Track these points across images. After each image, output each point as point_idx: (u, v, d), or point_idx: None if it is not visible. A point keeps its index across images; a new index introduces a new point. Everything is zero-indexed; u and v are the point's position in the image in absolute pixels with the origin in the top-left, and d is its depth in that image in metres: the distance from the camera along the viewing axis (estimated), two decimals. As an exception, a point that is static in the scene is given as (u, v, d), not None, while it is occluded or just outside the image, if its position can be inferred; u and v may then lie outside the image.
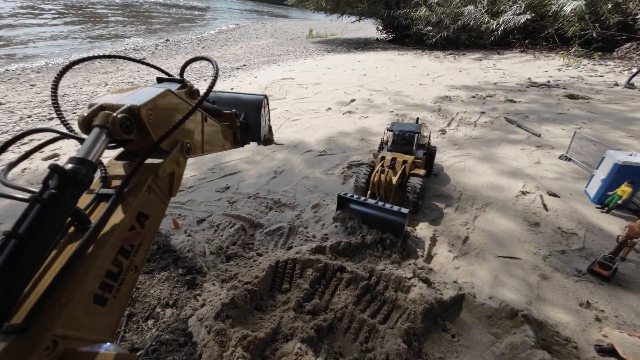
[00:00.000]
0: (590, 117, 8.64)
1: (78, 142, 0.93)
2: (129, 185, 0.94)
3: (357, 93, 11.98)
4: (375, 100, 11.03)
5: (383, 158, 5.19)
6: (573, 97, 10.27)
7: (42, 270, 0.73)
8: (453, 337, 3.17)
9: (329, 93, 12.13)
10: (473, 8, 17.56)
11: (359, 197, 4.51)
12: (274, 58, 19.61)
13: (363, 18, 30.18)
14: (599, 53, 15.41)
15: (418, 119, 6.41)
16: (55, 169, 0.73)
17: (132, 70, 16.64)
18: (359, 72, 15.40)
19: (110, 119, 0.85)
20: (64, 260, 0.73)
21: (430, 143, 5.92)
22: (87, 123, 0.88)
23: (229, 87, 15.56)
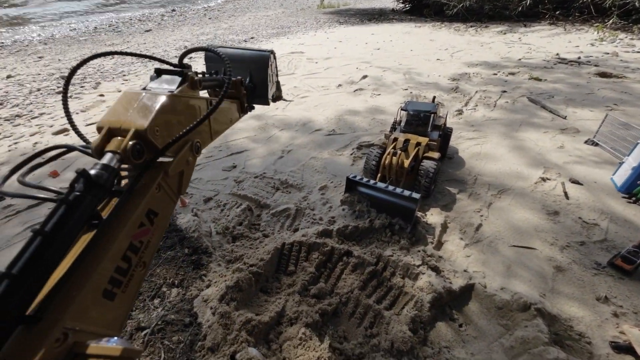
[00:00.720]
0: (623, 98, 7.97)
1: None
2: (140, 183, 0.96)
3: (369, 69, 11.38)
4: (389, 77, 10.46)
5: (395, 140, 4.93)
6: (605, 75, 9.45)
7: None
8: (460, 326, 3.11)
9: (340, 69, 11.57)
10: (500, -27, 15.99)
11: (369, 180, 4.33)
12: (283, 30, 18.68)
13: (379, -14, 28.13)
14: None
15: (435, 98, 6.02)
16: (82, 174, 0.78)
17: (138, 43, 16.21)
18: (372, 46, 14.54)
19: (122, 148, 0.88)
20: (76, 254, 0.75)
21: (446, 124, 5.57)
22: (100, 149, 0.91)
23: (237, 61, 15.03)
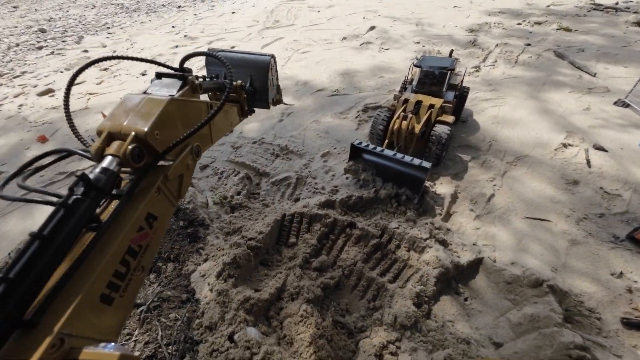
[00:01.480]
0: (663, 52, 7.12)
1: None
2: (139, 187, 0.95)
3: (377, 19, 10.20)
4: (398, 29, 9.40)
5: (406, 101, 4.45)
6: (645, 25, 8.37)
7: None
8: (465, 300, 3.03)
9: (345, 19, 10.39)
10: None
11: (375, 147, 3.98)
12: (281, -28, 16.55)
13: None
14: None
15: (452, 52, 5.34)
16: (82, 177, 0.77)
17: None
18: (382, -9, 12.91)
19: (122, 152, 0.87)
20: (74, 258, 0.74)
21: (463, 83, 5.01)
22: (100, 153, 0.89)
23: (230, 9, 13.56)
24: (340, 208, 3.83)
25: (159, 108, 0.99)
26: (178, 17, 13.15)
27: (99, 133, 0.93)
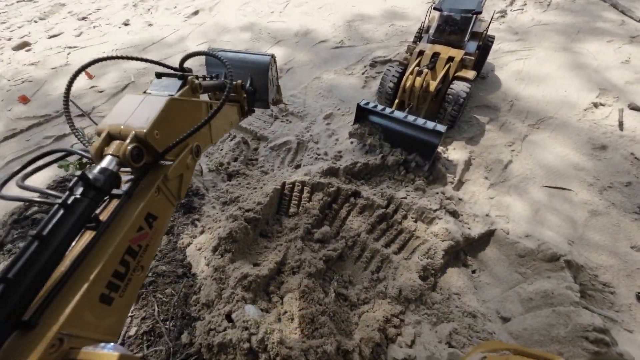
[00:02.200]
0: None
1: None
2: (139, 187, 0.94)
3: (390, -48, 8.74)
4: (415, -36, 8.08)
5: (421, 54, 3.89)
6: None
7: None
8: (473, 272, 2.92)
9: (352, -48, 8.92)
10: None
11: (384, 107, 3.57)
12: None
13: None
14: None
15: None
16: (81, 177, 0.77)
17: None
18: None
19: (121, 152, 0.87)
20: (73, 258, 0.73)
21: (488, 31, 4.34)
22: (99, 152, 0.89)
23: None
24: (344, 176, 3.57)
25: (159, 108, 0.98)
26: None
27: (99, 133, 0.92)
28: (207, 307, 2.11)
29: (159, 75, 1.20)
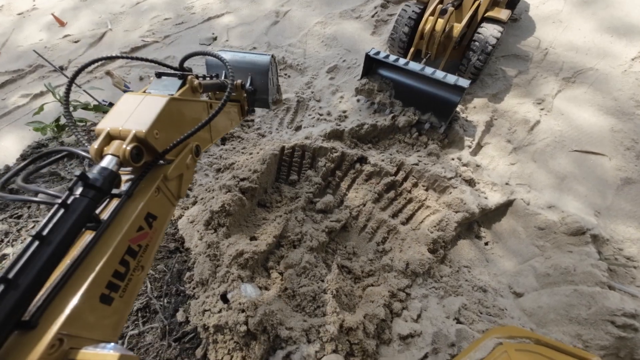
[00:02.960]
0: None
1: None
2: (139, 187, 0.93)
3: None
4: None
5: (445, -12, 3.21)
6: None
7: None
8: (486, 244, 2.74)
9: None
10: None
11: (397, 58, 3.06)
12: None
13: None
14: None
15: None
16: (81, 177, 0.77)
17: None
18: None
19: (121, 152, 0.87)
20: (72, 258, 0.72)
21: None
22: (99, 152, 0.89)
23: None
24: (350, 139, 3.22)
25: (159, 108, 0.99)
26: None
27: (98, 133, 0.92)
28: (201, 284, 1.98)
29: (159, 75, 1.19)
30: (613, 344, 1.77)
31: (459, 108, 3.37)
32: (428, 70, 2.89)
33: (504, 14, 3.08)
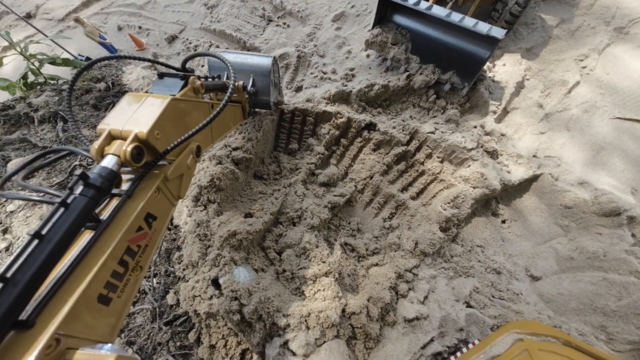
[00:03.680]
0: None
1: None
2: (139, 186, 0.93)
3: None
4: None
5: None
6: None
7: None
8: (503, 222, 2.51)
9: None
10: None
11: (417, 0, 2.52)
12: None
13: None
14: None
15: None
16: (81, 177, 0.77)
17: None
18: None
19: (122, 152, 0.86)
20: (71, 257, 0.72)
21: None
22: (100, 152, 0.89)
23: None
24: (357, 102, 2.82)
25: (160, 108, 0.98)
26: None
27: (100, 133, 0.91)
28: (191, 266, 1.81)
29: (161, 75, 1.19)
30: (642, 339, 1.63)
31: (486, 66, 2.89)
32: (455, 17, 2.39)
33: (557, -59, 2.45)
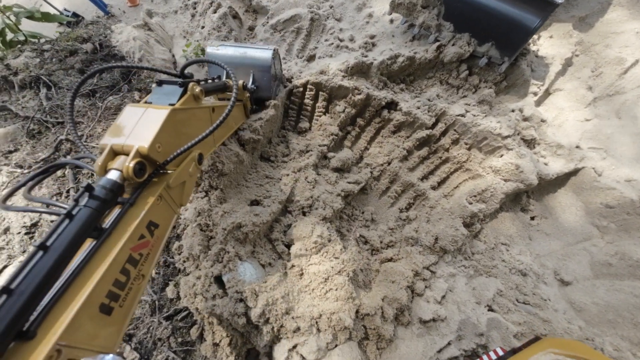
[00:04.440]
0: None
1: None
2: (141, 195, 0.93)
3: None
4: None
5: None
6: None
7: None
8: (532, 219, 2.30)
9: None
10: None
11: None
12: None
13: None
14: None
15: None
16: (87, 189, 0.78)
17: None
18: None
19: (125, 169, 0.87)
20: (73, 266, 0.72)
21: None
22: (103, 168, 0.89)
23: None
24: (377, 77, 2.48)
25: (160, 121, 0.98)
26: None
27: (102, 149, 0.91)
28: (192, 259, 1.65)
29: (160, 83, 1.18)
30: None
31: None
32: (504, -26, 1.97)
33: None
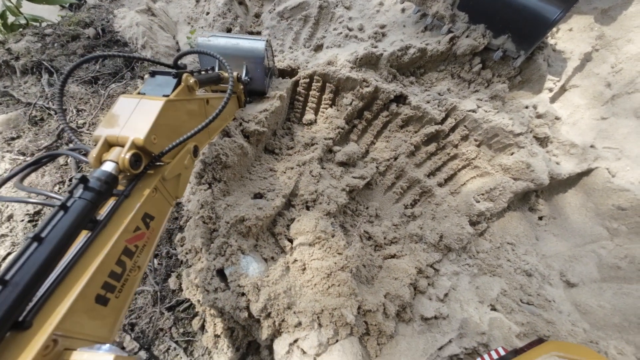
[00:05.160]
0: None
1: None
2: (136, 186, 0.92)
3: None
4: None
5: None
6: None
7: None
8: (540, 219, 2.25)
9: None
10: None
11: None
12: None
13: None
14: None
15: None
16: (82, 180, 0.77)
17: None
18: None
19: (120, 161, 0.86)
20: (68, 258, 0.71)
21: None
22: (98, 159, 0.88)
23: None
24: (387, 69, 2.40)
25: (155, 112, 0.97)
26: None
27: (96, 140, 0.90)
28: (194, 252, 1.64)
29: (153, 74, 1.16)
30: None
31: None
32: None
33: None
